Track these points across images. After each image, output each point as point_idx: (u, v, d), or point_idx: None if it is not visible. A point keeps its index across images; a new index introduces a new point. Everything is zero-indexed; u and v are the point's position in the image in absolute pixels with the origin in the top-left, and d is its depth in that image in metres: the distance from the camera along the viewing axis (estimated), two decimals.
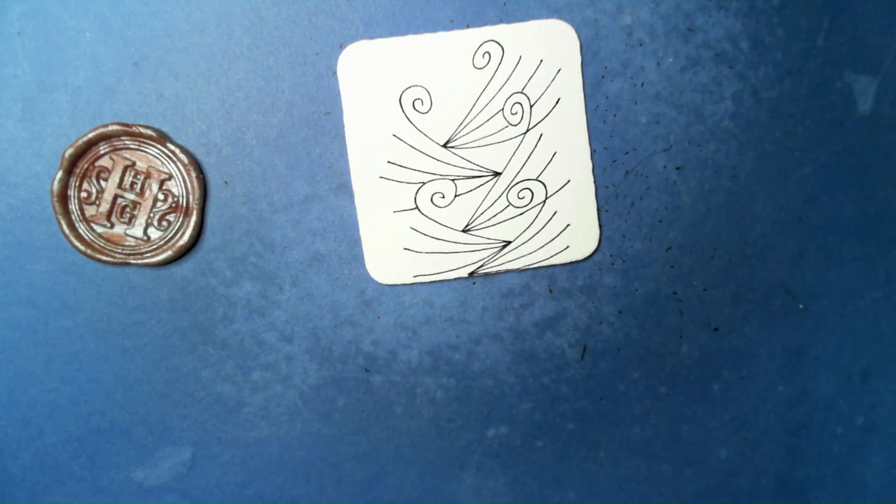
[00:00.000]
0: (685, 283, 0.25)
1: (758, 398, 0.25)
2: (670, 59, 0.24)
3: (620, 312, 0.25)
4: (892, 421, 0.25)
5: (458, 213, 0.24)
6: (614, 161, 0.24)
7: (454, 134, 0.24)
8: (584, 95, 0.24)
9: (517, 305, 0.25)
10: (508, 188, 0.24)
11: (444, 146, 0.24)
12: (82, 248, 0.24)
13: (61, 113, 0.24)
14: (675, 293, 0.25)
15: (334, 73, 0.24)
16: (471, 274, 0.24)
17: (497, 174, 0.24)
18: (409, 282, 0.24)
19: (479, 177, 0.24)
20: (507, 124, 0.24)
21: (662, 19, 0.24)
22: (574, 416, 0.25)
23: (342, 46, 0.24)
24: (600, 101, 0.24)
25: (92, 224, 0.24)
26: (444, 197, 0.24)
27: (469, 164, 0.24)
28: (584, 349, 0.25)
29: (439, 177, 0.24)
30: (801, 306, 0.25)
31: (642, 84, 0.24)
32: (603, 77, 0.24)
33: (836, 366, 0.25)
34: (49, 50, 0.24)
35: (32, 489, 0.25)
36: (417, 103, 0.24)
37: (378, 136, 0.24)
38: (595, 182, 0.24)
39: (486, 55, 0.23)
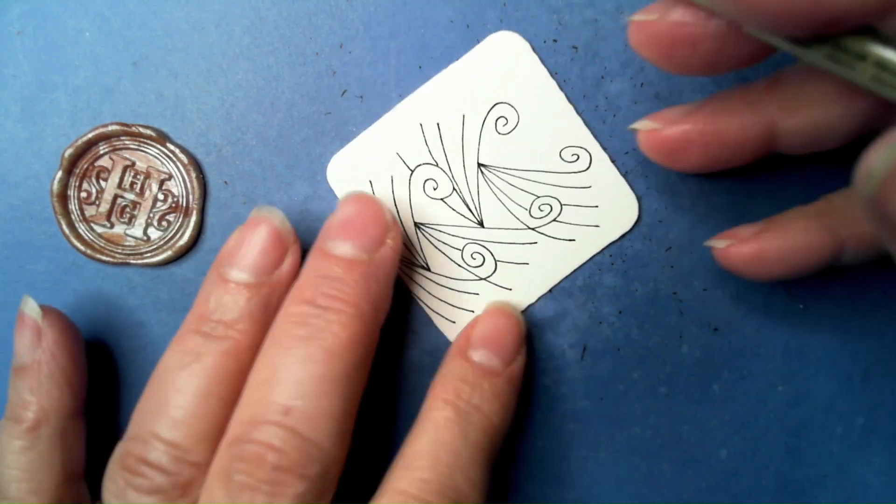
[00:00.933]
0: (685, 283, 0.25)
1: (758, 398, 0.25)
2: None
3: (620, 312, 0.25)
4: (892, 421, 0.25)
5: (427, 210, 0.24)
6: (614, 162, 0.24)
7: (494, 166, 0.24)
8: (589, 259, 0.24)
9: None
10: (473, 242, 0.24)
11: (479, 165, 0.24)
12: (82, 248, 0.24)
13: (61, 113, 0.24)
14: (675, 293, 0.25)
15: (335, 72, 0.24)
16: None
17: (480, 225, 0.24)
18: (339, 196, 0.24)
19: (469, 210, 0.24)
20: (528, 210, 0.24)
21: None
22: (574, 416, 0.25)
23: (342, 47, 0.24)
24: (600, 101, 0.24)
25: (92, 224, 0.24)
26: (435, 189, 0.24)
27: (477, 195, 0.24)
28: (584, 349, 0.25)
29: (450, 177, 0.24)
30: (801, 306, 0.25)
31: (642, 84, 0.24)
32: (603, 77, 0.24)
33: (836, 366, 0.25)
34: (49, 50, 0.24)
35: None
36: (501, 121, 0.24)
37: (453, 101, 0.24)
38: (527, 311, 0.24)
39: (576, 156, 0.24)
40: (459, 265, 0.24)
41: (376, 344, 0.22)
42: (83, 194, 0.24)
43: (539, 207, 0.24)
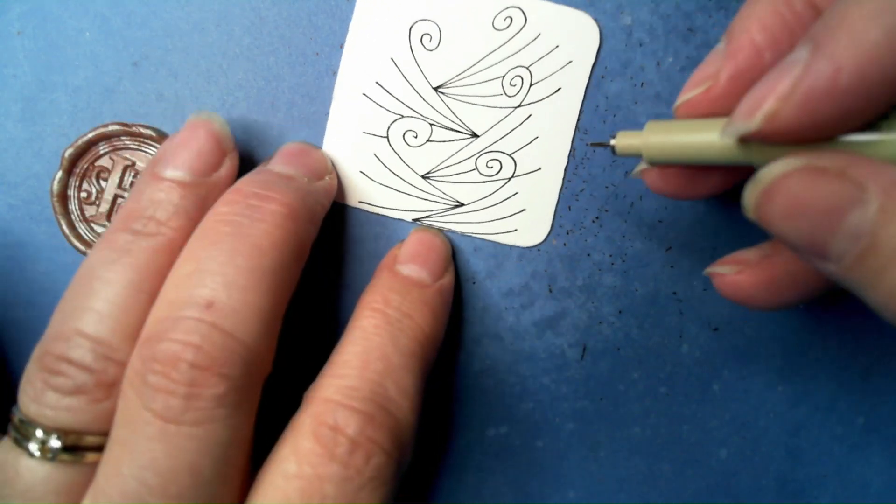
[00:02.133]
0: (685, 283, 0.25)
1: (758, 398, 0.25)
2: (670, 59, 0.24)
3: (620, 312, 0.25)
4: (892, 421, 0.25)
5: (425, 158, 0.24)
6: (614, 161, 0.24)
7: (449, 81, 0.23)
8: (585, 94, 0.24)
9: (517, 305, 0.25)
10: (481, 153, 0.24)
11: (436, 89, 0.24)
12: (82, 248, 0.24)
13: (61, 113, 0.24)
14: (675, 293, 0.25)
15: (335, 72, 0.24)
16: (415, 220, 0.24)
17: (475, 135, 0.24)
18: (352, 204, 0.24)
19: (457, 131, 0.24)
20: (503, 93, 0.24)
21: (662, 19, 0.24)
22: (574, 416, 0.25)
23: (342, 47, 0.24)
24: (600, 101, 0.24)
25: (92, 224, 0.24)
26: (416, 137, 0.24)
27: (452, 115, 0.24)
28: (584, 349, 0.25)
29: (419, 116, 0.24)
30: (801, 306, 0.25)
31: (642, 84, 0.24)
32: (603, 77, 0.24)
33: (836, 366, 0.25)
34: (49, 50, 0.24)
35: None
36: (426, 38, 0.23)
37: (376, 53, 0.23)
38: (564, 178, 0.24)
39: (509, 19, 0.23)
40: (484, 182, 0.24)
41: (306, 259, 0.21)
42: (83, 194, 0.24)
43: (511, 84, 0.23)
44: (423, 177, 0.24)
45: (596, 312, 0.25)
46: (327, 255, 0.24)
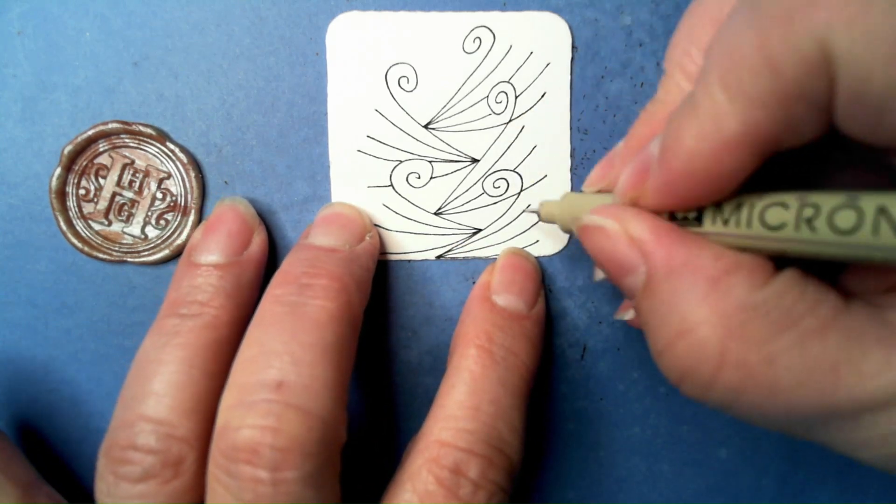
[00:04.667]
0: None
1: None
2: None
3: None
4: None
5: (432, 196, 0.24)
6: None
7: (436, 116, 0.24)
8: (571, 92, 0.24)
9: None
10: (485, 176, 0.24)
11: (425, 127, 0.24)
12: (79, 245, 0.24)
13: (61, 113, 0.24)
14: None
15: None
16: (438, 257, 0.24)
17: (475, 161, 0.24)
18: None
19: (456, 161, 0.24)
20: (491, 112, 0.24)
21: (662, 19, 0.24)
22: (574, 416, 0.25)
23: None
24: (600, 101, 0.24)
25: (90, 221, 0.24)
26: (419, 178, 0.24)
27: (448, 147, 0.24)
28: (584, 349, 0.25)
29: (417, 157, 0.24)
30: None
31: (642, 84, 0.24)
32: (603, 77, 0.24)
33: None
34: (49, 50, 0.24)
35: None
36: (403, 81, 0.23)
37: (360, 109, 0.24)
38: (572, 179, 0.24)
39: (477, 40, 0.23)
40: (495, 203, 0.24)
41: (360, 326, 0.21)
42: (82, 191, 0.24)
43: (496, 101, 0.24)
44: (436, 213, 0.24)
45: (596, 312, 0.25)
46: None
